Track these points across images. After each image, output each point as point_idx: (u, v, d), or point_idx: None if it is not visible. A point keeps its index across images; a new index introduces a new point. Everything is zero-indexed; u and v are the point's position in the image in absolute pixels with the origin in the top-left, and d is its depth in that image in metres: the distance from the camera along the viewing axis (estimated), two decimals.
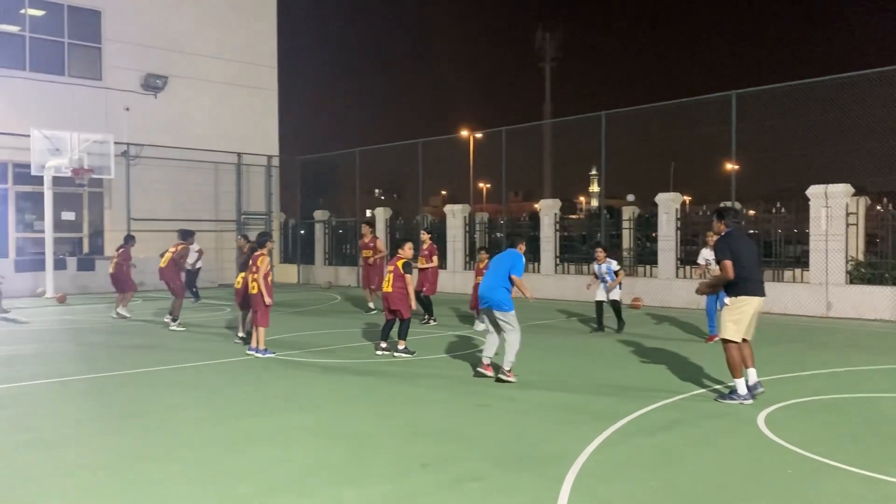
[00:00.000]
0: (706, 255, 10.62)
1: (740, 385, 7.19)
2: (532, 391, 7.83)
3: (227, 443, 5.95)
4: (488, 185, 56.79)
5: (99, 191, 22.47)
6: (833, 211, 14.71)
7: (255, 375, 8.90)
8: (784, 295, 15.13)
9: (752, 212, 17.78)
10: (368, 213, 26.56)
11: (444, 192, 51.71)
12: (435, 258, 14.08)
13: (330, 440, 6.02)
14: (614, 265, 12.28)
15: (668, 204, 17.28)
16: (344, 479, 5.06)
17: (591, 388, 7.96)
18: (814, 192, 15.00)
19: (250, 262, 10.28)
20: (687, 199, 18.48)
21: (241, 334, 11.35)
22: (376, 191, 58.28)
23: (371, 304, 15.43)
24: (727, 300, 7.33)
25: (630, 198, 22.09)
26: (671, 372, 8.80)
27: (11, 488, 4.92)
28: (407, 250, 10.19)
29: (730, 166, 16.89)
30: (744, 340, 7.28)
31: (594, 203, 65.62)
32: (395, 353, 9.93)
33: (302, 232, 26.88)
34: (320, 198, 32.06)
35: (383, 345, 10.13)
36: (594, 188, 70.30)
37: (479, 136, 29.15)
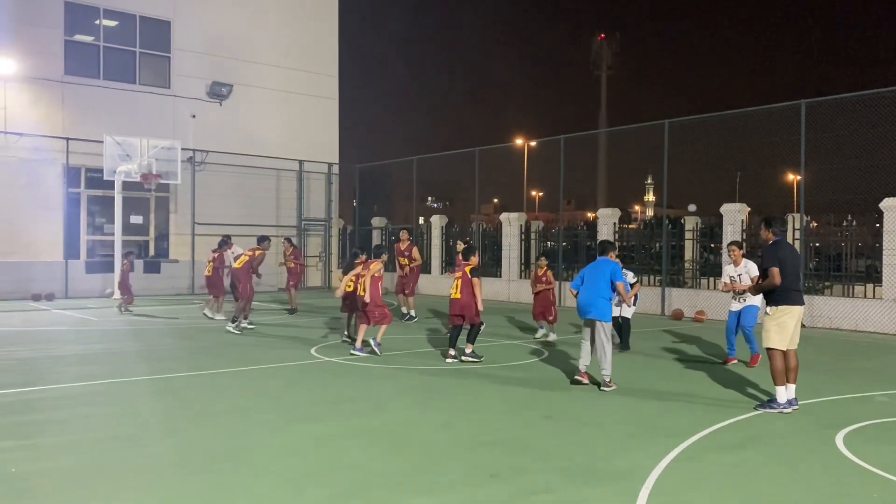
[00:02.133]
0: (730, 271, 10.34)
1: (780, 393, 7.31)
2: (596, 404, 7.72)
3: (295, 446, 6.01)
4: (541, 194, 56.63)
5: (165, 195, 23.14)
6: None
7: (320, 379, 9.01)
8: (855, 311, 14.61)
9: (814, 223, 17.23)
10: (422, 220, 26.71)
11: (495, 200, 51.76)
12: None
13: (396, 447, 6.03)
14: (629, 277, 11.44)
15: (734, 215, 16.87)
16: (412, 486, 5.05)
17: (657, 402, 7.79)
18: (888, 204, 14.45)
19: (361, 268, 10.92)
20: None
21: (346, 333, 11.83)
22: (429, 198, 58.64)
23: (404, 310, 15.26)
24: (768, 309, 7.42)
25: (691, 208, 21.63)
26: (736, 387, 8.55)
27: (86, 486, 5.06)
28: (474, 259, 10.50)
29: (798, 177, 16.42)
30: (788, 351, 7.32)
31: (649, 213, 64.67)
32: (463, 358, 10.06)
33: (357, 238, 27.14)
34: (375, 205, 32.45)
35: (452, 352, 10.18)
36: (649, 197, 69.35)
37: (533, 144, 29.08)
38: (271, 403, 7.65)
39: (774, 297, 7.32)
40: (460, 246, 14.37)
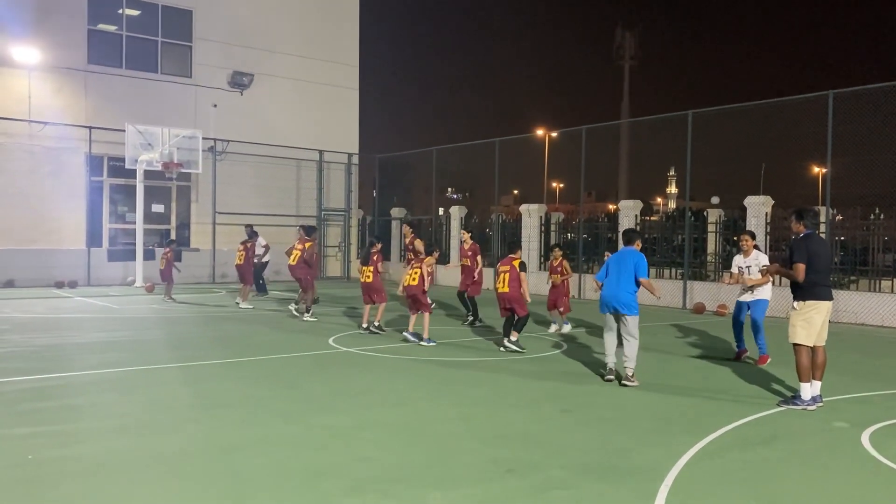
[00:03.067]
0: (739, 262, 10.08)
1: (805, 390, 7.15)
2: (616, 398, 7.61)
3: (311, 438, 5.99)
4: (561, 185, 56.24)
5: (186, 185, 23.27)
6: None
7: (337, 369, 8.99)
8: (882, 306, 14.33)
9: (839, 217, 16.91)
10: (441, 211, 26.62)
11: (515, 192, 51.47)
12: (479, 258, 13.59)
13: (413, 439, 5.98)
14: None
15: (758, 207, 16.62)
16: (427, 480, 5.00)
17: (677, 398, 7.67)
18: None
19: (413, 261, 11.37)
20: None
21: (364, 325, 11.88)
22: (449, 189, 58.43)
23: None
24: (795, 304, 7.22)
25: (714, 200, 21.38)
26: (759, 383, 8.40)
27: (100, 474, 5.06)
28: (518, 253, 10.62)
29: (824, 169, 16.12)
30: (816, 348, 7.17)
31: (672, 205, 64.00)
32: (506, 344, 10.17)
33: (376, 229, 27.12)
34: (395, 195, 32.38)
35: (506, 341, 10.32)
36: (672, 189, 68.66)
37: (554, 134, 28.85)
38: (288, 393, 7.63)
39: (802, 291, 7.13)
40: (465, 236, 14.15)
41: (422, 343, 10.70)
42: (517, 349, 10.12)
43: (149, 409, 6.89)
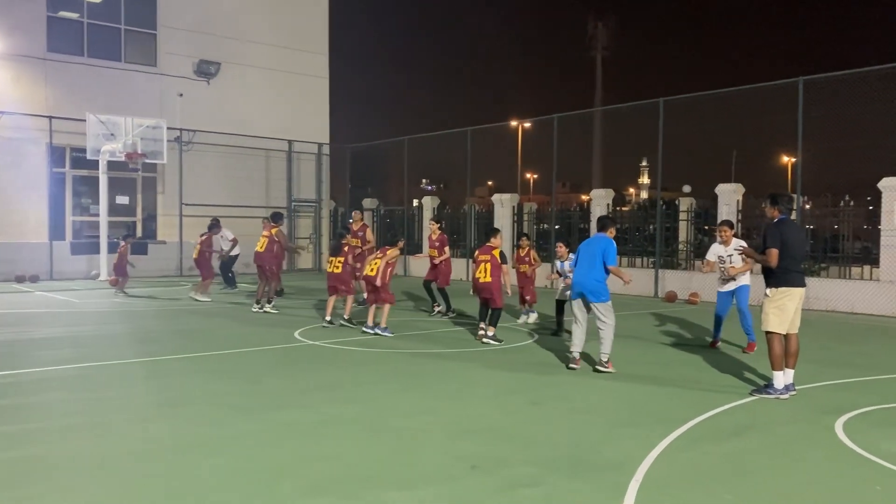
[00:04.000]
0: (717, 250, 9.94)
1: (778, 379, 7.03)
2: (587, 389, 7.45)
3: (270, 435, 5.73)
4: (536, 176, 56.22)
5: (152, 176, 22.72)
6: None
7: (302, 363, 8.73)
8: (852, 293, 14.37)
9: (807, 205, 16.96)
10: (416, 202, 26.36)
11: (490, 183, 51.30)
12: (447, 249, 13.32)
13: (375, 435, 5.75)
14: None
15: (729, 195, 16.59)
16: (388, 479, 4.77)
17: (649, 388, 7.52)
18: (886, 184, 14.16)
19: (378, 252, 11.03)
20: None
21: (328, 318, 11.56)
22: (423, 180, 58.12)
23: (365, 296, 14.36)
24: (768, 291, 7.08)
25: (686, 189, 21.39)
26: (732, 371, 8.30)
27: (41, 478, 4.77)
28: (498, 240, 10.46)
29: (794, 158, 16.12)
30: (789, 335, 7.06)
31: (644, 195, 64.33)
32: (485, 340, 10.05)
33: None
34: (368, 186, 32.05)
35: (483, 325, 10.26)
36: (644, 180, 69.02)
37: (527, 125, 28.63)
38: (249, 389, 7.36)
39: (774, 278, 7.01)
40: (433, 226, 13.87)
41: (377, 332, 10.51)
42: (495, 343, 9.96)
43: (102, 407, 6.58)
